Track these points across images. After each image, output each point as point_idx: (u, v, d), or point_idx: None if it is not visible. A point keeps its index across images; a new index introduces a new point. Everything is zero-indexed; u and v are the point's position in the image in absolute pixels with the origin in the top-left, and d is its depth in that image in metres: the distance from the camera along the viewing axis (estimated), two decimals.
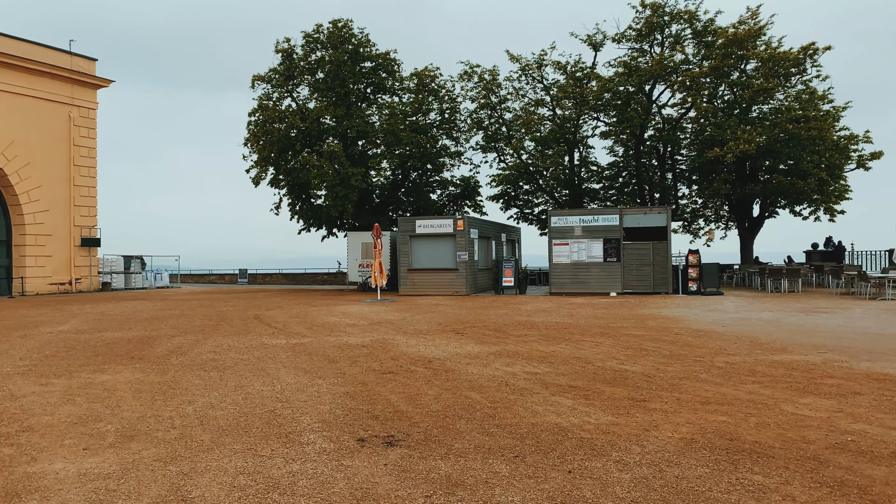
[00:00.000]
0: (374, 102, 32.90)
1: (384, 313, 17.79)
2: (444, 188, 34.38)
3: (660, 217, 22.94)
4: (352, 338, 12.42)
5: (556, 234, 23.67)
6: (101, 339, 12.57)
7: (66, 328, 14.80)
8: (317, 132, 31.10)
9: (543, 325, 14.24)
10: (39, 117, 31.23)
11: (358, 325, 14.71)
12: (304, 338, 12.52)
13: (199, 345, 11.69)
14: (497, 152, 33.01)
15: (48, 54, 31.68)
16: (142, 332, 13.90)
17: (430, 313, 17.61)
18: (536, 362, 9.40)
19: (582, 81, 30.30)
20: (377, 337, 12.53)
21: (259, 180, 32.20)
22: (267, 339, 12.47)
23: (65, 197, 32.25)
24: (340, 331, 13.70)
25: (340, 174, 28.67)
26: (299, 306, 20.70)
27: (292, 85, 32.64)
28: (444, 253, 24.83)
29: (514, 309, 18.60)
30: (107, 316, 17.93)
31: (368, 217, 32.66)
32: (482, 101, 31.52)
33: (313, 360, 9.81)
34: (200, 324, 15.48)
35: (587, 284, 23.45)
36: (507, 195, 33.30)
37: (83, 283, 32.86)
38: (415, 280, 25.17)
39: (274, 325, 14.84)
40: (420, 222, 25.18)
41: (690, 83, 26.99)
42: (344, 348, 11.05)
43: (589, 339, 11.82)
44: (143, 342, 12.11)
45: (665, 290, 22.88)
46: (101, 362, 9.90)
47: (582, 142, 31.38)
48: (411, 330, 13.73)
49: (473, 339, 12.01)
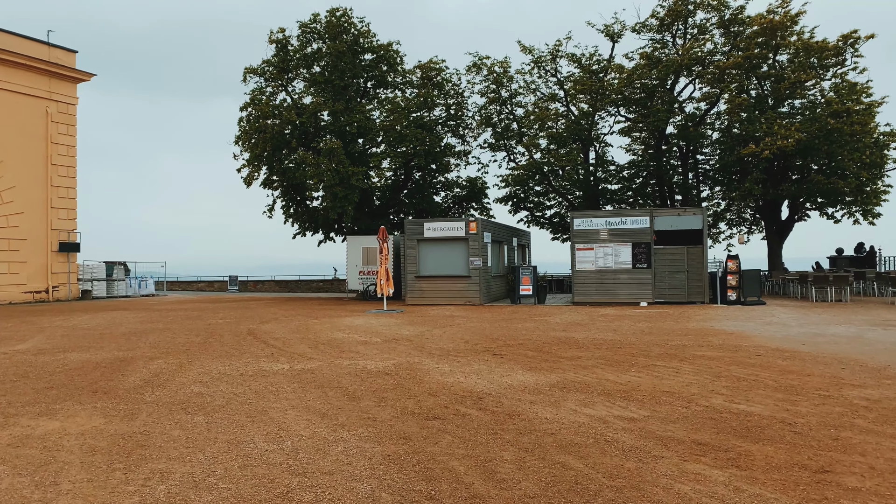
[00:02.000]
0: (375, 97, 30.74)
1: (396, 327, 15.62)
2: (449, 190, 32.24)
3: (695, 219, 20.89)
4: (369, 361, 10.23)
5: (580, 237, 21.57)
6: (63, 363, 10.33)
7: (26, 347, 12.53)
8: (314, 129, 28.91)
9: (590, 344, 12.10)
10: (13, 112, 28.89)
11: (371, 343, 12.52)
12: (311, 361, 10.32)
13: (183, 371, 9.47)
14: (507, 151, 30.92)
15: (24, 45, 29.37)
16: (114, 351, 11.65)
17: (449, 327, 15.44)
18: (620, 400, 7.26)
19: (598, 75, 28.28)
20: (399, 360, 10.35)
21: (251, 180, 29.95)
22: (265, 362, 10.27)
23: (41, 198, 29.89)
24: (352, 351, 11.51)
25: (340, 173, 26.48)
26: (298, 318, 18.48)
27: (287, 79, 30.45)
28: (455, 258, 22.67)
29: (541, 322, 16.47)
30: (78, 330, 15.65)
31: (368, 220, 30.50)
32: (491, 96, 29.40)
33: (328, 397, 7.63)
34: (185, 341, 13.25)
35: (615, 293, 21.34)
36: (516, 197, 31.19)
37: (61, 290, 30.48)
38: (423, 288, 22.99)
39: (272, 344, 12.63)
40: (429, 225, 23.02)
41: (720, 75, 25.01)
42: (363, 377, 8.86)
43: (660, 364, 9.69)
44: (113, 367, 9.88)
45: (701, 299, 20.81)
46: (53, 399, 7.68)
47: (598, 139, 29.33)
48: (436, 350, 11.57)
49: (518, 364, 9.85)
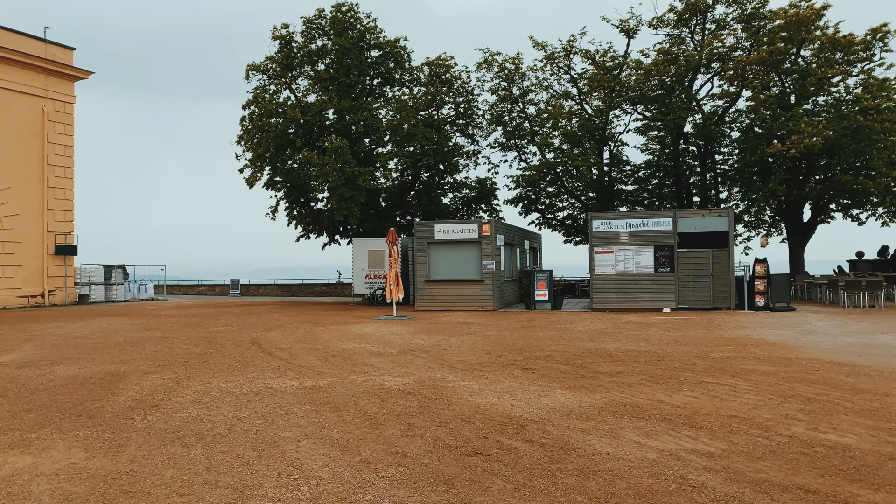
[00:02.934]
0: (382, 95, 29.78)
1: (409, 336, 14.62)
2: (457, 191, 31.25)
3: (720, 220, 19.88)
4: (386, 377, 9.24)
5: (599, 240, 20.57)
6: (48, 379, 9.34)
7: (11, 359, 11.55)
8: (318, 128, 27.96)
9: (625, 356, 11.10)
10: (9, 111, 27.95)
11: (385, 355, 11.53)
12: (322, 376, 9.33)
13: (180, 389, 8.48)
14: (518, 151, 29.92)
15: (19, 41, 28.44)
16: (106, 364, 10.67)
17: (466, 336, 14.45)
18: (685, 428, 6.26)
19: (613, 72, 27.30)
20: (420, 376, 9.35)
21: (254, 181, 28.97)
22: (272, 377, 9.28)
23: (37, 200, 28.94)
24: (366, 364, 10.51)
25: (346, 173, 25.50)
26: (304, 325, 17.49)
27: (291, 76, 29.50)
28: (467, 262, 21.68)
29: (564, 330, 15.47)
30: (70, 339, 14.66)
31: (375, 222, 29.54)
32: (502, 94, 28.42)
33: (346, 423, 6.64)
34: (184, 351, 12.26)
35: (635, 299, 20.33)
36: (527, 198, 30.18)
37: (57, 295, 29.51)
38: (433, 293, 21.99)
39: (277, 355, 11.64)
40: (440, 227, 22.03)
41: (742, 71, 24.03)
42: (382, 397, 7.87)
43: (711, 381, 8.69)
44: (102, 384, 8.89)
45: (727, 305, 19.80)
46: (29, 425, 6.70)
47: (613, 138, 28.34)
48: (458, 362, 10.57)
49: (554, 381, 8.85)
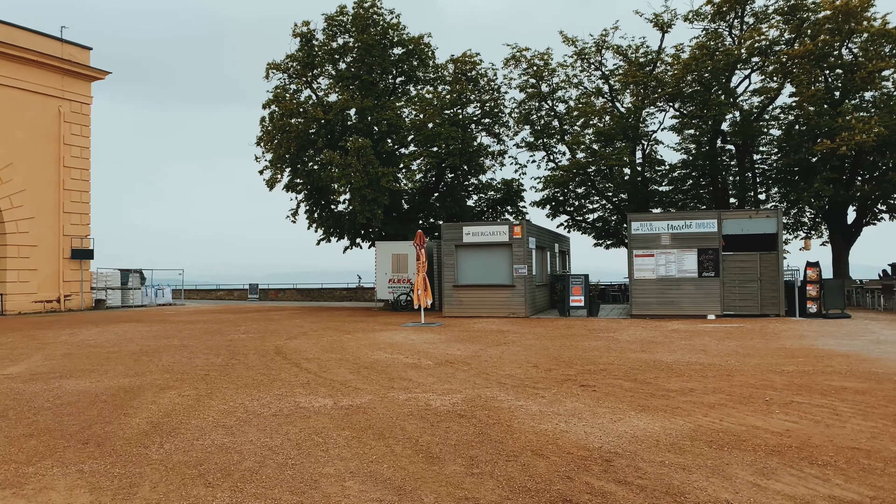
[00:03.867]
0: (405, 94, 28.85)
1: (443, 345, 13.62)
2: (483, 192, 30.25)
3: (768, 222, 18.72)
4: (430, 395, 8.23)
5: (638, 243, 19.46)
6: (55, 396, 8.43)
7: (18, 371, 10.67)
8: (340, 128, 27.08)
9: (688, 370, 10.03)
10: (24, 111, 27.35)
11: (422, 367, 10.53)
12: (358, 393, 8.34)
13: (200, 408, 7.53)
14: (546, 150, 28.85)
15: (36, 40, 27.86)
16: (120, 377, 9.76)
17: (504, 346, 13.43)
18: (805, 464, 5.20)
19: (645, 68, 26.19)
20: (467, 393, 8.34)
21: (274, 183, 28.18)
22: (302, 394, 8.30)
23: (53, 202, 28.30)
24: (403, 378, 9.52)
25: (369, 174, 24.58)
26: (328, 333, 16.55)
27: (312, 75, 28.67)
28: (497, 266, 20.65)
29: (609, 339, 14.40)
30: (83, 348, 13.80)
31: (397, 225, 28.63)
32: (531, 91, 27.38)
33: (396, 454, 5.64)
34: (204, 363, 11.34)
35: (677, 305, 19.20)
36: (555, 200, 29.12)
37: (73, 300, 28.84)
38: (462, 299, 20.98)
39: (305, 367, 10.68)
40: (468, 229, 21.02)
41: (784, 66, 22.84)
42: (431, 420, 6.87)
43: (802, 401, 7.60)
44: (114, 402, 7.96)
45: (776, 311, 18.61)
46: (28, 455, 5.76)
47: (647, 137, 27.20)
48: (505, 377, 9.55)
49: (621, 400, 7.80)
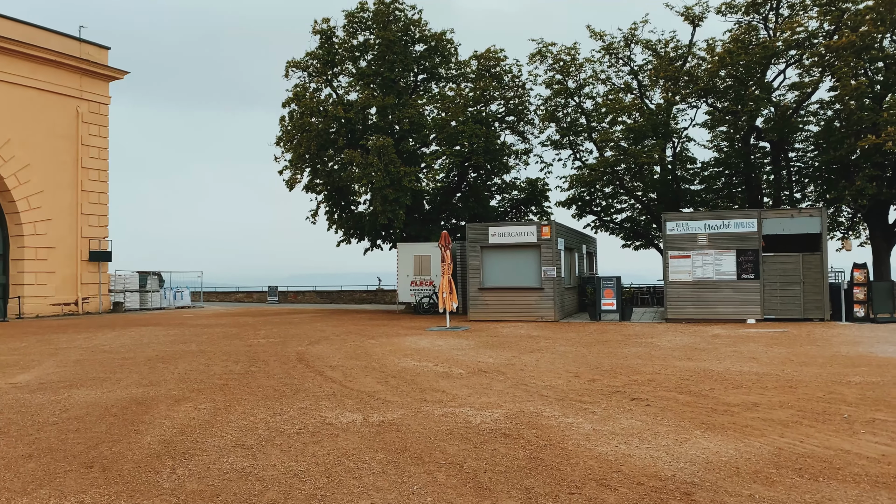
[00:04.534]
0: (427, 92, 28.17)
1: (472, 352, 12.89)
2: (506, 192, 29.47)
3: (812, 221, 17.79)
4: (468, 409, 7.50)
5: (674, 243, 18.60)
6: (63, 408, 7.81)
7: (27, 379, 10.09)
8: (361, 127, 26.45)
9: (745, 380, 9.21)
10: (42, 112, 27.00)
11: (454, 377, 9.80)
12: (389, 406, 7.63)
13: (218, 424, 6.86)
14: (572, 148, 28.01)
15: (53, 40, 27.51)
16: (133, 387, 9.13)
17: (538, 352, 12.67)
18: None
19: (676, 63, 25.28)
20: (509, 407, 7.60)
21: (294, 183, 27.59)
22: (328, 407, 7.61)
23: (70, 204, 27.93)
24: (436, 388, 8.80)
25: (391, 174, 23.92)
26: (351, 337, 15.88)
27: (332, 73, 28.08)
28: (525, 268, 19.88)
29: (649, 346, 13.59)
30: (98, 353, 13.23)
31: (418, 226, 27.91)
32: (557, 87, 26.57)
33: (440, 484, 4.91)
34: (222, 370, 10.69)
35: (715, 308, 18.31)
36: (581, 200, 28.28)
37: (91, 303, 28.45)
38: (487, 302, 20.23)
39: (329, 376, 9.99)
40: (494, 230, 20.27)
41: (824, 59, 21.86)
42: (474, 441, 6.14)
43: (888, 419, 6.77)
44: (125, 415, 7.32)
45: (820, 315, 17.67)
46: (25, 481, 5.11)
47: (677, 134, 26.27)
48: (546, 389, 8.80)
49: (683, 417, 7.02)
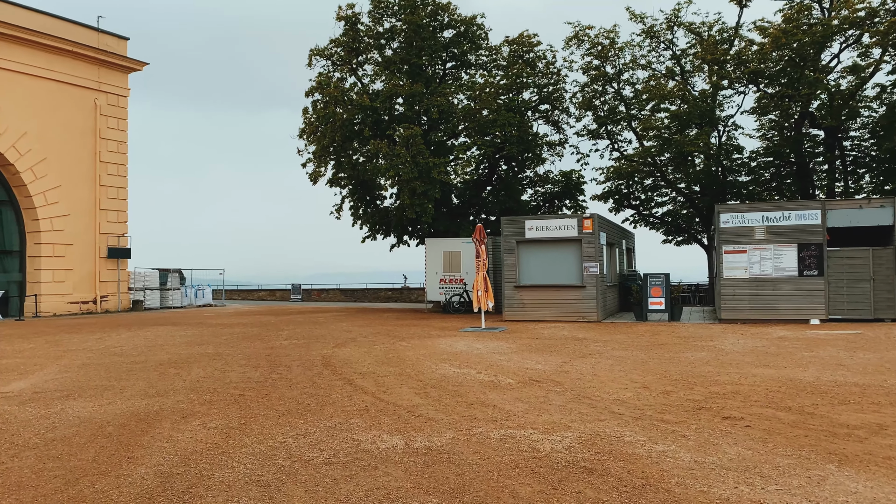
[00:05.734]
0: (458, 79, 26.87)
1: (516, 356, 11.59)
2: (539, 186, 28.09)
3: (883, 213, 16.22)
4: (529, 430, 6.20)
5: (728, 237, 17.13)
6: (52, 424, 6.66)
7: (21, 387, 8.98)
8: (387, 117, 25.24)
9: (846, 393, 7.82)
10: (59, 104, 26.17)
11: (503, 387, 8.51)
12: (433, 426, 6.36)
13: (229, 449, 5.65)
14: (610, 138, 26.55)
15: (71, 30, 26.68)
16: (137, 399, 7.97)
17: (590, 357, 11.34)
18: None
19: (721, 46, 23.72)
20: (579, 429, 6.29)
21: (317, 177, 26.51)
22: (361, 427, 6.36)
23: (88, 199, 27.08)
24: (485, 402, 7.52)
25: (419, 165, 22.67)
26: (380, 339, 14.66)
27: (357, 62, 26.90)
28: (564, 264, 18.53)
29: (711, 350, 12.19)
30: (107, 356, 12.15)
31: (446, 221, 26.64)
32: (594, 73, 25.12)
33: None
34: (239, 378, 9.51)
35: (774, 308, 16.81)
36: (618, 193, 26.81)
37: (110, 301, 27.60)
38: (524, 300, 18.91)
39: (360, 385, 8.76)
40: (531, 223, 18.94)
41: (885, 39, 20.21)
42: (549, 479, 4.85)
43: None
44: (122, 436, 6.14)
45: (892, 315, 16.11)
46: None
47: (723, 122, 24.68)
48: (615, 403, 7.48)
49: (802, 445, 5.67)
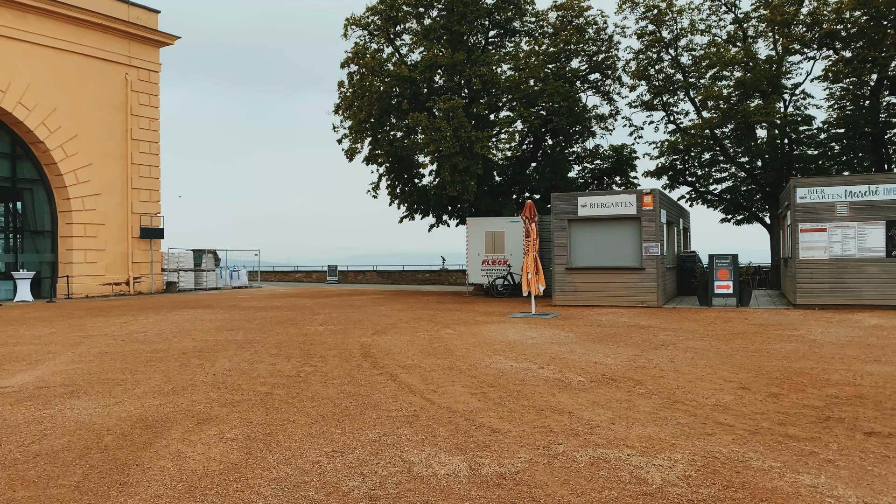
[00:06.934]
0: (501, 48, 25.33)
1: (577, 347, 10.26)
2: (587, 162, 26.49)
3: None
4: (628, 452, 4.88)
5: (806, 214, 15.46)
6: (41, 433, 5.56)
7: (24, 380, 7.96)
8: (426, 90, 23.88)
9: None
10: (88, 79, 25.36)
11: (573, 387, 7.20)
12: (502, 443, 5.09)
13: (249, 471, 4.45)
14: (665, 110, 24.77)
15: (100, 2, 25.78)
16: (150, 396, 6.86)
17: (665, 349, 9.95)
18: None
19: (787, 7, 21.73)
20: (688, 448, 4.96)
21: (353, 153, 25.36)
22: (411, 441, 5.13)
23: (120, 178, 26.33)
24: (557, 408, 6.23)
25: (461, 139, 21.31)
26: (423, 325, 13.45)
27: (394, 32, 25.54)
28: (621, 244, 17.06)
29: (801, 341, 10.68)
30: (128, 343, 11.15)
31: (488, 200, 25.27)
32: (649, 39, 23.33)
33: None
34: (268, 370, 8.38)
35: (857, 292, 15.13)
36: (673, 169, 25.08)
37: (143, 282, 26.92)
38: (576, 284, 17.50)
39: (405, 381, 7.54)
40: (585, 200, 17.48)
41: None
42: None
43: None
44: (118, 451, 4.99)
45: None
46: None
47: (789, 91, 22.74)
48: (716, 410, 6.12)
49: None
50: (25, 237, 25.29)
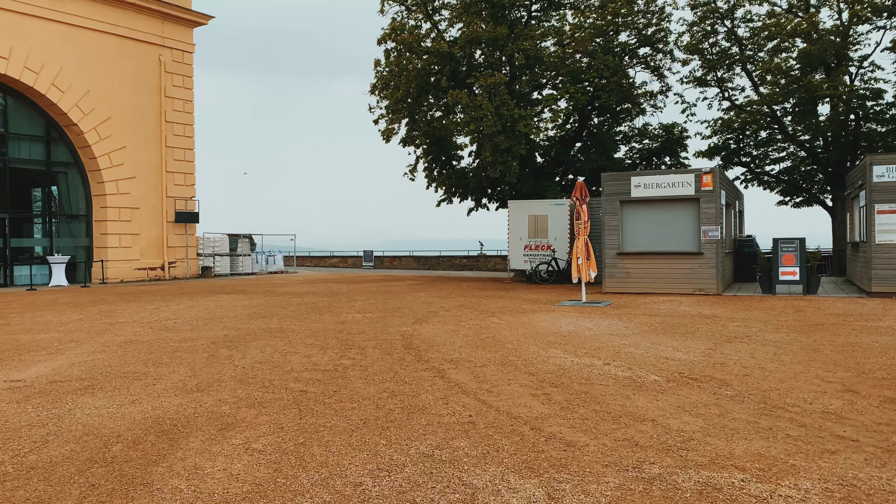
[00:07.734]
0: (546, 20, 24.16)
1: (641, 339, 9.29)
2: (635, 142, 25.24)
3: None
4: (748, 479, 3.94)
5: (884, 194, 14.16)
6: (41, 441, 4.84)
7: (38, 373, 7.31)
8: (466, 67, 22.87)
9: None
10: (122, 61, 24.89)
11: (647, 387, 6.27)
12: (581, 463, 4.20)
13: (277, 493, 3.65)
14: (720, 86, 23.36)
15: None
16: (172, 394, 6.13)
17: (740, 343, 8.94)
18: None
19: None
20: (815, 473, 4.00)
21: (390, 135, 24.52)
22: (471, 456, 4.27)
23: (154, 161, 25.89)
24: (638, 415, 5.31)
25: (503, 117, 20.29)
26: (465, 312, 12.60)
27: (432, 7, 24.54)
28: (678, 227, 15.93)
29: (893, 333, 9.55)
30: (156, 332, 10.50)
31: (530, 182, 24.21)
32: (704, 9, 21.91)
33: None
34: (302, 363, 7.61)
35: None
36: (726, 149, 23.69)
37: (178, 267, 26.55)
38: (629, 270, 16.45)
39: (455, 379, 6.68)
40: (638, 180, 16.37)
41: None
42: None
43: None
44: (124, 465, 4.23)
45: None
46: None
47: (855, 63, 21.17)
48: (825, 418, 5.16)
49: None
50: (60, 221, 25.06)
